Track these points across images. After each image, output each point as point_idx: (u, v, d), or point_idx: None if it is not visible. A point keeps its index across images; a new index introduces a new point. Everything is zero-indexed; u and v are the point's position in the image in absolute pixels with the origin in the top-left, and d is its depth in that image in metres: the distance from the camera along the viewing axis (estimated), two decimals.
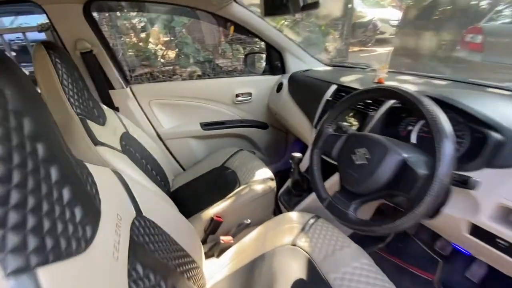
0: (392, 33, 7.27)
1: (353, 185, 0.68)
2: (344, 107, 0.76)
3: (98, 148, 0.81)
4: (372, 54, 6.65)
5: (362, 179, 0.65)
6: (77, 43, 1.11)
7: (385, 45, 6.73)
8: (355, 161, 0.67)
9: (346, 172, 0.70)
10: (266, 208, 1.21)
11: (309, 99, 1.28)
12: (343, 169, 0.72)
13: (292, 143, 1.81)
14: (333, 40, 3.33)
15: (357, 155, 0.67)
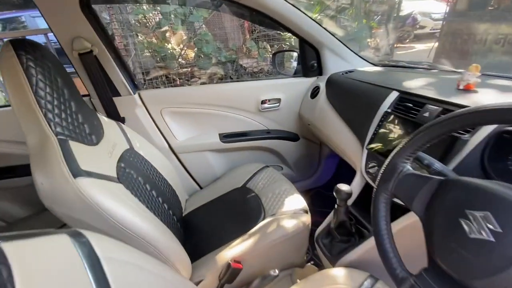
0: (434, 27, 6.59)
1: (464, 273, 0.40)
2: (437, 133, 0.47)
3: (78, 181, 0.60)
4: (410, 51, 6.06)
5: (485, 269, 0.37)
6: (73, 42, 0.92)
7: (425, 41, 6.11)
8: (468, 232, 0.39)
9: (449, 248, 0.42)
10: (297, 251, 0.95)
11: (356, 109, 0.99)
12: (439, 238, 0.44)
13: (327, 157, 1.52)
14: (375, 36, 2.91)
15: (471, 221, 0.39)
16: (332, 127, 1.10)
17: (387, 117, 0.84)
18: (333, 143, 1.11)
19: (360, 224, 0.85)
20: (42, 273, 0.33)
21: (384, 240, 0.54)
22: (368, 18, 2.72)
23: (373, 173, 0.83)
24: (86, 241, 0.41)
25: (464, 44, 3.77)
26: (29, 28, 4.11)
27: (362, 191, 0.90)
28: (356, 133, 0.97)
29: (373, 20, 2.77)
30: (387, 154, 0.80)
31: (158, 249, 0.71)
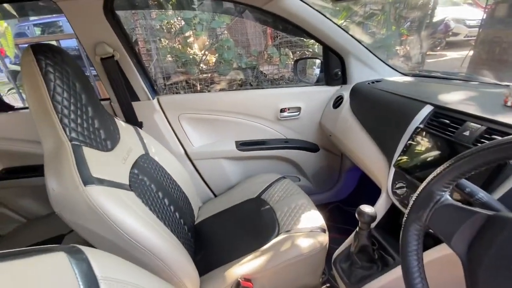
0: (468, 34, 6.21)
1: None
2: (487, 160, 0.40)
3: (88, 189, 0.58)
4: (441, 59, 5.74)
5: None
6: (96, 47, 0.94)
7: (458, 48, 5.76)
8: None
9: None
10: (312, 272, 0.88)
11: (384, 122, 0.92)
12: (488, 286, 0.36)
13: (348, 170, 1.44)
14: (405, 43, 2.75)
15: None
16: (355, 140, 1.03)
17: (419, 134, 0.76)
18: (355, 156, 1.04)
19: (383, 250, 0.77)
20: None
21: (415, 280, 0.47)
22: (398, 24, 2.58)
23: (401, 195, 0.75)
24: (84, 259, 0.39)
25: (503, 53, 3.50)
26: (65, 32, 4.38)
27: (387, 213, 0.82)
28: (383, 148, 0.89)
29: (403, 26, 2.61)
30: (417, 174, 0.73)
31: (166, 263, 0.68)
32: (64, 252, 0.37)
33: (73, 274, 0.36)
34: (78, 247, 0.40)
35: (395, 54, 2.71)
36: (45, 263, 0.35)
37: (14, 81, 2.60)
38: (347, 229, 1.40)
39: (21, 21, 5.37)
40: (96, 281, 0.38)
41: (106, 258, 0.43)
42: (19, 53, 2.38)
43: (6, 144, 1.12)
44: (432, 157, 0.70)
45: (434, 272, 0.56)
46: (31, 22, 5.35)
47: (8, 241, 1.13)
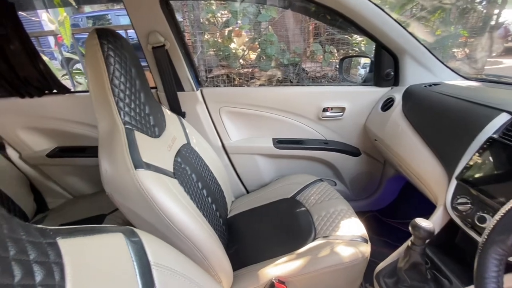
0: None
1: None
2: None
3: (138, 172, 0.59)
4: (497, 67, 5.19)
5: None
6: (149, 36, 0.96)
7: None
8: None
9: None
10: (350, 284, 0.83)
11: (444, 129, 0.83)
12: None
13: (390, 178, 1.34)
14: (463, 45, 2.49)
15: None
16: (406, 146, 0.94)
17: (491, 145, 0.67)
18: (405, 164, 0.95)
19: (438, 271, 0.69)
20: (93, 273, 0.30)
21: None
22: (457, 24, 2.33)
23: (463, 211, 0.67)
24: (139, 242, 0.38)
25: None
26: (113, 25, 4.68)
27: (442, 230, 0.74)
28: (441, 158, 0.80)
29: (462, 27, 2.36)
30: (487, 190, 0.64)
31: (204, 254, 0.67)
32: (122, 234, 0.37)
33: (129, 257, 0.36)
34: (133, 229, 0.40)
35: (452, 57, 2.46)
36: (105, 243, 0.35)
37: (67, 67, 2.82)
38: (384, 241, 1.31)
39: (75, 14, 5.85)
40: (149, 266, 0.37)
41: (158, 244, 0.42)
42: (73, 43, 2.56)
43: (61, 124, 1.20)
44: (509, 171, 0.61)
45: None
46: (84, 14, 5.80)
47: (55, 214, 1.22)
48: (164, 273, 0.39)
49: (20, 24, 1.02)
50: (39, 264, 0.25)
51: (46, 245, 0.27)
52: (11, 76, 1.06)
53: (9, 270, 0.21)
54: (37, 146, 1.24)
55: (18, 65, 1.05)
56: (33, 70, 1.07)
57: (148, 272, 0.36)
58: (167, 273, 0.40)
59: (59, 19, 2.10)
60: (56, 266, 0.26)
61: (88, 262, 0.30)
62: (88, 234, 0.33)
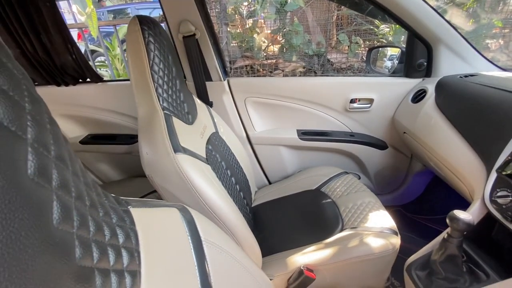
0: None
1: None
2: None
3: (177, 156, 0.61)
4: None
5: None
6: (181, 25, 0.97)
7: None
8: None
9: None
10: (379, 275, 0.83)
11: (483, 121, 0.80)
12: None
13: (416, 173, 1.31)
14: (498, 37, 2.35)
15: None
16: (440, 139, 0.92)
17: None
18: (438, 157, 0.93)
19: (474, 264, 0.67)
20: (159, 241, 0.32)
21: None
22: (491, 14, 2.19)
23: (503, 204, 0.65)
24: (191, 219, 0.40)
25: None
26: None
27: (479, 224, 0.72)
28: (479, 150, 0.78)
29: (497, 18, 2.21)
30: None
31: (236, 237, 0.69)
32: (177, 209, 0.39)
33: (185, 231, 0.37)
34: (185, 206, 0.42)
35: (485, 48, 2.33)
36: (166, 215, 0.36)
37: (92, 59, 2.91)
38: (409, 237, 1.28)
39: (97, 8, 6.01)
40: (200, 241, 0.39)
41: (206, 222, 0.44)
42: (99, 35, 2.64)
43: (93, 112, 1.25)
44: None
45: None
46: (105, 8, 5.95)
47: None
48: (213, 249, 0.41)
49: (58, 13, 1.05)
50: (120, 228, 0.26)
51: (122, 212, 0.29)
52: (48, 64, 1.11)
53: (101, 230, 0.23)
54: (71, 133, 1.30)
55: (56, 53, 1.09)
56: (69, 58, 1.11)
57: (200, 247, 0.38)
58: (216, 249, 0.42)
59: (87, 11, 2.16)
60: (131, 231, 0.28)
61: (155, 231, 0.32)
62: (153, 206, 0.35)
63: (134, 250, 0.27)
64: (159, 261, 0.29)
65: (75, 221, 0.19)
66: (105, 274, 0.21)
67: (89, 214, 0.21)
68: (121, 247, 0.25)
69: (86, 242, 0.20)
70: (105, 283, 0.20)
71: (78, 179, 0.22)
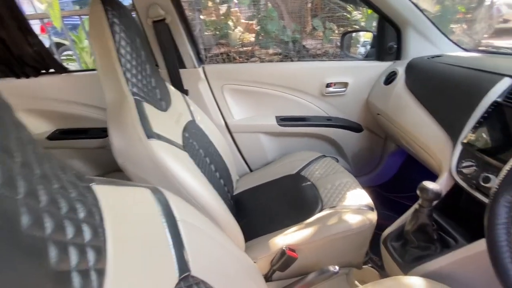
0: None
1: None
2: None
3: (151, 142, 0.59)
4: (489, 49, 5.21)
5: None
6: (149, 9, 0.93)
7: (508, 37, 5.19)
8: None
9: None
10: (357, 249, 0.86)
11: (448, 97, 0.84)
12: None
13: (391, 154, 1.37)
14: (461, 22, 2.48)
15: None
16: (410, 118, 0.96)
17: (495, 108, 0.68)
18: (410, 135, 0.97)
19: (443, 231, 0.72)
20: (128, 220, 0.31)
21: (504, 254, 0.43)
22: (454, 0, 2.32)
23: (467, 174, 0.69)
24: (164, 200, 0.39)
25: None
26: None
27: (447, 194, 0.77)
28: (445, 126, 0.82)
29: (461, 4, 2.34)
30: (493, 152, 0.66)
31: (218, 221, 0.68)
32: (149, 190, 0.38)
33: (158, 210, 0.36)
34: (158, 188, 0.40)
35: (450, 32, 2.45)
36: (135, 194, 0.35)
37: (58, 53, 2.73)
38: (385, 214, 1.35)
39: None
40: (175, 221, 0.38)
41: (182, 202, 0.43)
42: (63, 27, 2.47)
43: (60, 106, 1.17)
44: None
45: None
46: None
47: None
48: (190, 229, 0.40)
49: (14, 2, 0.97)
50: (81, 202, 0.25)
51: (82, 188, 0.27)
52: (5, 55, 1.03)
53: (56, 203, 0.21)
54: (37, 129, 1.21)
55: (12, 43, 1.01)
56: (28, 48, 1.03)
57: (175, 226, 0.37)
58: (193, 229, 0.41)
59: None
60: (94, 208, 0.27)
61: (123, 210, 0.31)
62: (120, 185, 0.33)
63: (98, 226, 0.25)
64: (128, 238, 0.28)
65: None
66: (63, 246, 0.20)
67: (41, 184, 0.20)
68: (81, 221, 0.23)
69: (36, 212, 0.18)
70: (62, 257, 0.19)
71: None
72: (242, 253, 0.61)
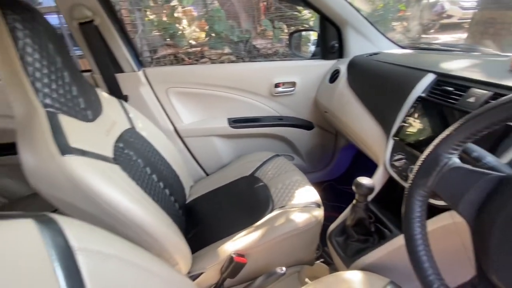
0: (462, 17, 6.19)
1: None
2: (501, 117, 0.37)
3: (66, 159, 0.53)
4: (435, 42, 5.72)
5: None
6: (73, 10, 0.85)
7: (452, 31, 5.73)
8: None
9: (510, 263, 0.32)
10: (307, 247, 0.87)
11: (382, 94, 0.88)
12: (499, 251, 0.34)
13: (342, 148, 1.42)
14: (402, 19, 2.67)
15: None
16: (352, 114, 0.99)
17: (420, 103, 0.72)
18: (352, 132, 1.01)
19: (380, 223, 0.75)
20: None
21: (418, 247, 0.45)
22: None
23: (399, 167, 0.73)
24: (58, 229, 0.34)
25: (497, 33, 3.48)
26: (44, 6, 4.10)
27: (384, 187, 0.81)
28: (381, 121, 0.86)
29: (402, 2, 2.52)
30: (418, 145, 0.70)
31: (155, 238, 0.64)
32: (33, 220, 0.33)
33: (42, 244, 0.32)
34: (49, 215, 0.36)
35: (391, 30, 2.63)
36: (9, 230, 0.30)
37: None
38: (340, 207, 1.39)
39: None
40: (71, 252, 0.33)
41: (83, 227, 0.38)
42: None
43: None
44: (435, 126, 0.67)
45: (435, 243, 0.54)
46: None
47: None
48: (93, 258, 0.36)
49: None
50: None
51: None
52: None
53: None
54: None
55: None
56: None
57: (70, 259, 0.33)
58: (97, 257, 0.37)
59: None
60: None
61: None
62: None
63: None
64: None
65: None
66: None
67: None
68: None
69: None
70: None
71: None
72: (176, 275, 0.57)
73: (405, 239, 0.47)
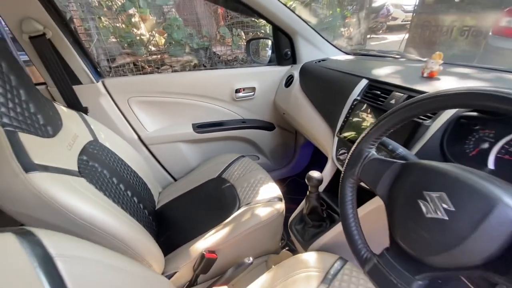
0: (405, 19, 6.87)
1: (420, 250, 0.42)
2: (400, 118, 0.48)
3: (31, 176, 0.55)
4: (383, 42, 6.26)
5: (439, 246, 0.39)
6: (22, 24, 0.83)
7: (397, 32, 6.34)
8: (425, 212, 0.41)
9: (407, 227, 0.44)
10: (272, 238, 0.96)
11: (328, 97, 1.00)
12: (400, 219, 0.46)
13: (302, 146, 1.54)
14: (349, 25, 2.93)
15: (428, 202, 0.41)
16: (305, 116, 1.11)
17: (356, 105, 0.85)
18: (306, 131, 1.12)
19: (331, 209, 0.87)
20: None
21: (350, 224, 0.56)
22: (342, 7, 2.74)
23: (343, 160, 0.85)
24: (36, 240, 0.38)
25: (432, 35, 3.95)
26: None
27: (333, 178, 0.92)
28: (328, 121, 0.98)
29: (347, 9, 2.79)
30: (355, 141, 0.83)
31: (127, 244, 0.68)
32: (13, 234, 0.36)
33: (25, 254, 0.35)
34: (26, 228, 0.39)
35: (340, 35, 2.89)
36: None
37: None
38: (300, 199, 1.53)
39: None
40: (51, 259, 0.37)
41: (60, 237, 0.42)
42: None
43: None
44: (368, 124, 0.80)
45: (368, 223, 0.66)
46: None
47: None
48: (73, 263, 0.40)
49: None
50: None
51: None
52: None
53: None
54: None
55: None
56: None
57: (51, 265, 0.37)
58: (77, 262, 0.41)
59: None
60: None
61: None
62: None
63: None
64: None
65: None
66: None
67: None
68: None
69: None
70: None
71: None
72: (152, 274, 0.62)
73: (341, 219, 0.57)
